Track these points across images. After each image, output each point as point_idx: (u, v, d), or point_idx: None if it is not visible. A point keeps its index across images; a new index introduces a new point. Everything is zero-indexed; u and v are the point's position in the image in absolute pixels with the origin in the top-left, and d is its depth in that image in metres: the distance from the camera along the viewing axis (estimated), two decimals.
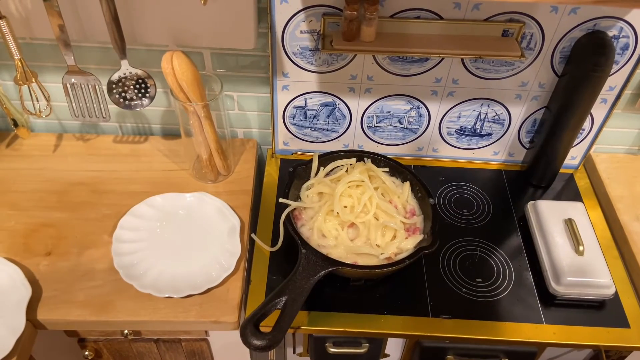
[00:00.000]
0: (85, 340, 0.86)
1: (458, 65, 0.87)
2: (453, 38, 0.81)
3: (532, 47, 0.84)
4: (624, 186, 0.97)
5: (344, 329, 0.76)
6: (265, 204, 0.93)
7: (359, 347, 0.83)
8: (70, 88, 0.83)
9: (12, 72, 0.93)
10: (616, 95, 0.90)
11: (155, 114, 1.01)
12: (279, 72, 0.88)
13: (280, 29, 0.82)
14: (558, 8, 0.79)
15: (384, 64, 0.87)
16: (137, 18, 0.79)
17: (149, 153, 1.00)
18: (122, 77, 0.83)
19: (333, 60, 0.86)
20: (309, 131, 0.98)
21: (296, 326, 0.75)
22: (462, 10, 0.79)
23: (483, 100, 0.92)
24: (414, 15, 0.79)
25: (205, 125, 0.84)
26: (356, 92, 0.91)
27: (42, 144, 1.00)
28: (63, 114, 1.00)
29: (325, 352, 0.83)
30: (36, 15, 0.78)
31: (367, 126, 0.97)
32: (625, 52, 0.84)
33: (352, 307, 0.78)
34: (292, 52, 0.85)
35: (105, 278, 0.78)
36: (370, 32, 0.77)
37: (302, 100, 0.93)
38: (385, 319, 0.77)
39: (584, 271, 0.80)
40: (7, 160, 0.96)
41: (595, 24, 0.80)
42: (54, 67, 0.91)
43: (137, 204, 0.87)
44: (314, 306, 0.78)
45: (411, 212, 0.85)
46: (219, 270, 0.79)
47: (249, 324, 0.66)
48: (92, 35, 0.81)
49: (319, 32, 0.82)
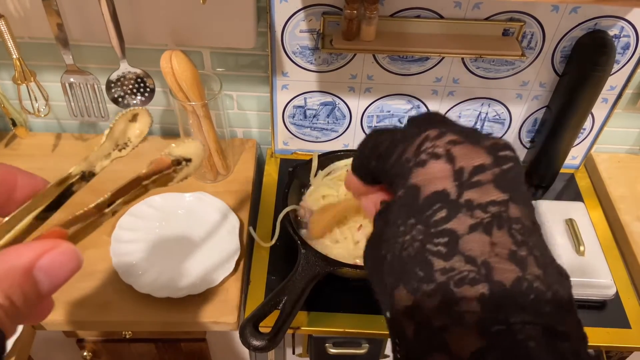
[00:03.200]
0: (84, 340, 0.85)
1: (458, 64, 0.86)
2: (453, 37, 0.80)
3: (533, 46, 0.83)
4: (625, 186, 0.97)
5: (344, 329, 0.76)
6: (264, 203, 0.93)
7: (359, 348, 0.82)
8: (69, 87, 0.83)
9: (10, 72, 0.93)
10: (617, 94, 0.90)
11: (154, 114, 1.00)
12: (279, 72, 0.88)
13: (280, 28, 0.81)
14: (559, 7, 0.78)
15: (384, 63, 0.86)
16: (137, 17, 0.79)
17: (148, 153, 0.99)
18: (121, 76, 0.83)
19: (333, 59, 0.86)
20: (309, 131, 0.98)
21: (296, 326, 0.75)
22: (462, 9, 0.79)
23: (483, 99, 0.92)
24: (414, 15, 0.79)
25: (204, 124, 0.84)
26: (356, 92, 0.91)
27: (41, 144, 0.99)
28: (62, 114, 1.00)
29: (325, 353, 0.83)
30: (35, 14, 0.78)
31: (367, 126, 0.97)
32: (626, 52, 0.83)
33: (352, 307, 0.78)
34: (292, 51, 0.84)
35: (104, 278, 0.78)
36: (370, 31, 0.77)
37: (301, 100, 0.92)
38: (385, 319, 0.77)
39: (585, 271, 0.79)
40: (5, 160, 0.95)
41: (596, 23, 0.80)
42: (53, 66, 0.91)
43: (136, 204, 0.86)
44: (313, 306, 0.77)
45: None
46: (218, 270, 0.78)
47: (249, 324, 0.66)
48: (91, 34, 0.81)
49: (319, 31, 0.81)
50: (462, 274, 0.24)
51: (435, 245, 0.25)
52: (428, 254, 0.25)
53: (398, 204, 0.28)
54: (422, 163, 0.27)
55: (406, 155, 0.28)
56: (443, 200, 0.26)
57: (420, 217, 0.26)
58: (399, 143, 0.29)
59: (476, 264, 0.24)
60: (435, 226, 0.25)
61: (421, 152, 0.27)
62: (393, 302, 0.26)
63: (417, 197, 0.26)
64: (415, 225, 0.26)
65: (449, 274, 0.24)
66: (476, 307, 0.23)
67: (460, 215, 0.25)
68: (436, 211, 0.25)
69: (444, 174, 0.26)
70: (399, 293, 0.26)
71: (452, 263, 0.24)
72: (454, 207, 0.25)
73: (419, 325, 0.25)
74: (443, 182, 0.26)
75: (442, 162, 0.26)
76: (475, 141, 0.27)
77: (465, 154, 0.26)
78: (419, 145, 0.28)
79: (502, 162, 0.26)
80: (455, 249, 0.24)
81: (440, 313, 0.24)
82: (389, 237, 0.27)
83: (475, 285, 0.24)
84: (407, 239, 0.26)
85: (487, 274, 0.24)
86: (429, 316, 0.24)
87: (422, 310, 0.25)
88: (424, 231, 0.25)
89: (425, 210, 0.26)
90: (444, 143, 0.27)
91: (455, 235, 0.25)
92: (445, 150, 0.27)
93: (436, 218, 0.25)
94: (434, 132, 0.28)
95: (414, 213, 0.26)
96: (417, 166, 0.27)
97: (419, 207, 0.26)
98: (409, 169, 0.27)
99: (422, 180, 0.26)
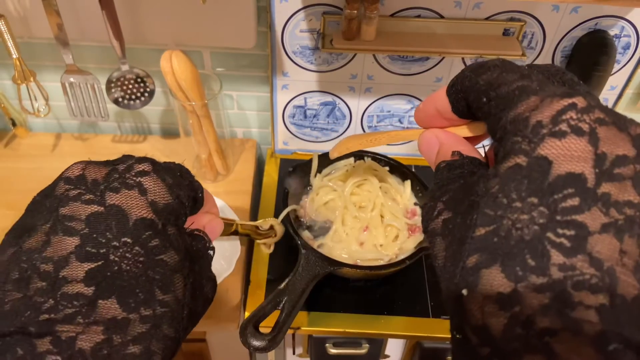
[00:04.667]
0: None
1: (459, 64, 0.86)
2: (454, 37, 0.80)
3: (533, 46, 0.83)
4: None
5: (344, 329, 0.75)
6: (264, 203, 0.93)
7: (359, 348, 0.82)
8: (68, 87, 0.83)
9: (10, 71, 0.93)
10: (618, 94, 0.90)
11: (154, 114, 1.00)
12: (279, 71, 0.88)
13: (280, 27, 0.81)
14: (559, 7, 0.78)
15: (384, 63, 0.86)
16: (137, 17, 0.79)
17: (148, 152, 0.99)
18: (121, 76, 0.82)
19: (333, 59, 0.86)
20: (309, 130, 0.98)
21: (296, 327, 0.75)
22: (462, 8, 0.78)
23: None
24: (415, 14, 0.79)
25: (204, 124, 0.84)
26: (356, 92, 0.91)
27: (41, 144, 0.99)
28: (61, 114, 1.00)
29: (325, 353, 0.82)
30: (34, 14, 0.78)
31: (368, 125, 0.97)
32: (626, 52, 0.83)
33: (352, 307, 0.78)
34: (292, 51, 0.84)
35: None
36: (370, 31, 0.77)
37: (301, 100, 0.92)
38: (385, 319, 0.77)
39: None
40: (5, 160, 0.95)
41: (596, 23, 0.80)
42: (53, 66, 0.91)
43: None
44: (313, 307, 0.77)
45: (412, 212, 0.85)
46: (218, 270, 0.78)
47: (249, 324, 0.66)
48: (91, 34, 0.81)
49: (319, 31, 0.81)
50: (584, 276, 0.21)
51: (558, 236, 0.21)
52: (547, 243, 0.21)
53: (517, 172, 0.23)
54: (560, 134, 0.23)
55: (540, 116, 0.23)
56: (578, 185, 0.22)
57: (546, 199, 0.22)
58: (532, 94, 0.24)
59: (601, 270, 0.21)
60: (563, 214, 0.22)
61: (562, 120, 0.23)
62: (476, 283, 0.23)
63: (547, 173, 0.22)
64: (537, 207, 0.22)
65: (568, 272, 0.21)
66: (594, 317, 0.21)
67: (594, 209, 0.22)
68: (567, 197, 0.22)
69: (584, 155, 0.22)
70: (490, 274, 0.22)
71: (575, 261, 0.21)
72: (589, 197, 0.22)
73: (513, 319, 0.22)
74: (582, 165, 0.22)
75: (584, 141, 0.22)
76: (622, 126, 0.23)
77: (610, 138, 0.23)
78: (560, 112, 0.23)
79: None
80: (581, 247, 0.21)
81: (549, 314, 0.21)
82: (492, 208, 0.23)
83: (596, 293, 0.21)
84: (524, 219, 0.22)
85: (610, 283, 0.21)
86: (533, 313, 0.21)
87: (523, 304, 0.21)
88: (548, 216, 0.22)
89: (554, 192, 0.22)
90: (592, 119, 0.23)
91: (585, 230, 0.21)
92: (590, 127, 0.23)
93: (565, 205, 0.22)
94: (582, 103, 0.23)
95: (537, 190, 0.22)
96: (554, 136, 0.23)
97: (546, 186, 0.22)
98: (540, 135, 0.23)
99: (557, 154, 0.22)
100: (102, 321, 0.26)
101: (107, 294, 0.26)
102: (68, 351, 0.25)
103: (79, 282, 0.26)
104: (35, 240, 0.27)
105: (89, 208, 0.28)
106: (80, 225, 0.27)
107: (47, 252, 0.26)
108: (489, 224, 0.23)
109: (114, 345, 0.26)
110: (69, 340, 0.25)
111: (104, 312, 0.26)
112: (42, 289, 0.26)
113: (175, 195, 0.31)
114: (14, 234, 0.29)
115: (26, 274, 0.26)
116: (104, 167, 0.30)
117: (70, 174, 0.29)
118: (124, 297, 0.26)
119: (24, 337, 0.25)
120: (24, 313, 0.25)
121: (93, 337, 0.25)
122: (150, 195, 0.29)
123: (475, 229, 0.23)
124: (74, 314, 0.25)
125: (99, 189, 0.28)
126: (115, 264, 0.27)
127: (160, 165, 0.32)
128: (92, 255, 0.26)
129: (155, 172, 0.30)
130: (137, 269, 0.27)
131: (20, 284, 0.26)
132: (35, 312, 0.25)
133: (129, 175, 0.29)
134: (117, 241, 0.27)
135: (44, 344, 0.25)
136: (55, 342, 0.25)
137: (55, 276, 0.26)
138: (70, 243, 0.27)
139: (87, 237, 0.27)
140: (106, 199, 0.28)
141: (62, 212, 0.27)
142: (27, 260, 0.26)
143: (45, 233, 0.27)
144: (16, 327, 0.25)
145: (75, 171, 0.29)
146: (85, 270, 0.26)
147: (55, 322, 0.25)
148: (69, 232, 0.27)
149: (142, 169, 0.30)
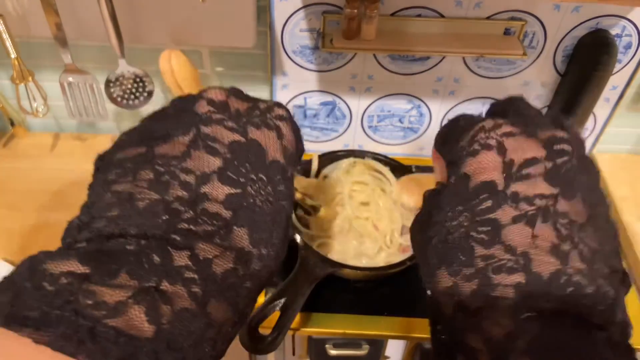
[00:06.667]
0: None
1: (459, 64, 0.86)
2: (454, 36, 0.80)
3: (534, 45, 0.83)
4: (627, 186, 0.96)
5: (344, 330, 0.75)
6: None
7: (359, 349, 0.82)
8: (67, 87, 0.83)
9: (8, 71, 0.92)
10: (619, 94, 0.89)
11: None
12: (278, 71, 0.87)
13: (280, 27, 0.81)
14: (560, 6, 0.78)
15: (385, 62, 0.86)
16: (136, 16, 0.78)
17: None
18: (119, 76, 0.82)
19: (333, 59, 0.85)
20: (309, 130, 0.98)
21: (296, 328, 0.75)
22: (463, 8, 0.78)
23: (485, 99, 0.92)
24: (415, 14, 0.79)
25: None
26: (356, 91, 0.91)
27: (39, 143, 0.99)
28: (60, 113, 0.99)
29: (325, 354, 0.82)
30: (33, 13, 0.77)
31: (368, 125, 0.97)
32: (628, 51, 0.83)
33: (353, 308, 0.77)
34: (292, 50, 0.84)
35: None
36: (370, 30, 0.76)
37: (301, 100, 0.92)
38: (385, 320, 0.76)
39: None
40: (3, 160, 0.95)
41: (597, 22, 0.79)
42: (51, 65, 0.90)
43: None
44: (313, 308, 0.77)
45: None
46: None
47: (248, 326, 0.65)
48: (89, 33, 0.80)
49: (319, 31, 0.81)
50: (501, 262, 0.25)
51: (478, 233, 0.26)
52: (471, 241, 0.26)
53: (449, 190, 0.29)
54: (474, 153, 0.28)
55: (462, 143, 0.29)
56: (490, 190, 0.27)
57: (467, 205, 0.27)
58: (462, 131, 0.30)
59: (515, 254, 0.25)
60: (480, 215, 0.26)
61: (475, 141, 0.28)
62: (435, 282, 0.28)
63: (467, 185, 0.28)
64: (462, 213, 0.27)
65: (488, 260, 0.25)
66: (510, 293, 0.25)
67: (505, 206, 0.26)
68: (482, 201, 0.27)
69: (493, 165, 0.27)
70: (440, 274, 0.28)
71: (493, 251, 0.25)
72: (499, 198, 0.26)
73: (456, 306, 0.26)
74: (492, 173, 0.27)
75: (493, 154, 0.28)
76: (532, 133, 0.28)
77: (517, 147, 0.27)
78: (473, 136, 0.29)
79: (557, 156, 0.27)
80: (496, 238, 0.26)
81: (476, 296, 0.25)
82: (437, 221, 0.29)
83: (512, 274, 0.25)
84: (454, 225, 0.27)
85: (525, 264, 0.25)
86: (466, 298, 0.26)
87: (460, 292, 0.26)
88: (469, 218, 0.27)
89: (472, 199, 0.27)
90: (498, 134, 0.28)
91: (497, 224, 0.26)
92: (497, 141, 0.28)
93: (482, 207, 0.27)
94: (490, 123, 0.29)
95: (462, 200, 0.28)
96: (470, 155, 0.28)
97: (467, 195, 0.27)
98: (462, 158, 0.29)
99: (473, 169, 0.28)
100: (235, 248, 0.25)
101: (241, 223, 0.26)
102: (205, 272, 0.24)
103: (218, 203, 0.25)
104: (172, 148, 0.26)
105: (232, 135, 0.27)
106: (223, 148, 0.27)
107: (187, 163, 0.26)
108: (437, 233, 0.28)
109: (239, 275, 0.25)
110: (206, 262, 0.24)
111: (237, 240, 0.25)
112: (183, 199, 0.25)
113: (300, 147, 0.32)
114: (137, 135, 0.27)
115: (163, 177, 0.25)
116: (246, 101, 0.30)
117: (213, 96, 0.29)
118: (254, 231, 0.26)
119: (161, 243, 0.23)
120: (161, 215, 0.24)
121: (226, 263, 0.25)
122: (285, 141, 0.30)
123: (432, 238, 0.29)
124: (213, 233, 0.24)
125: (242, 120, 0.28)
126: (251, 196, 0.26)
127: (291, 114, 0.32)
128: (232, 182, 0.26)
129: (290, 120, 0.31)
130: (267, 207, 0.27)
131: (158, 186, 0.25)
132: (175, 219, 0.24)
133: (269, 116, 0.30)
134: (255, 175, 0.27)
135: (182, 258, 0.23)
136: (194, 260, 0.23)
137: (196, 190, 0.25)
138: (213, 162, 0.26)
139: (228, 162, 0.26)
140: (248, 132, 0.28)
141: (205, 130, 0.27)
142: (164, 165, 0.25)
143: (185, 145, 0.26)
144: (156, 232, 0.23)
145: (219, 96, 0.29)
146: (225, 193, 0.26)
147: (196, 236, 0.24)
148: (212, 152, 0.26)
149: (281, 113, 0.30)
